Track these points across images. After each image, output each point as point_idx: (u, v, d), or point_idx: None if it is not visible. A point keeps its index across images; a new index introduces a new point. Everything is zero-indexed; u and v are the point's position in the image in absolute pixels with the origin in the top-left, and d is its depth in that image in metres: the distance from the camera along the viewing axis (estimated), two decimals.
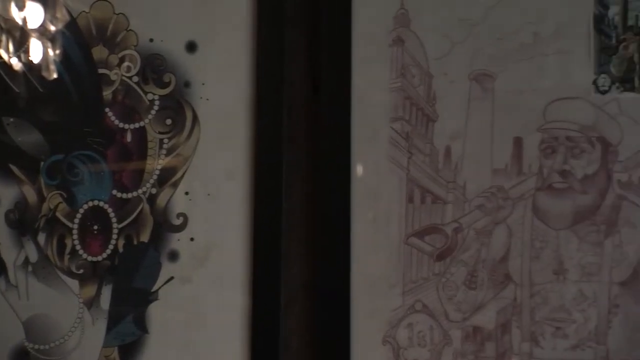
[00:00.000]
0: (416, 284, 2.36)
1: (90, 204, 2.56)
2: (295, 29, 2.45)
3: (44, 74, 2.57)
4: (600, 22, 2.31)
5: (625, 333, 2.28)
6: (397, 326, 2.37)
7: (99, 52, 2.56)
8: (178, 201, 2.51)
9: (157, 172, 2.51)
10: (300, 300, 2.38)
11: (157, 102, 2.53)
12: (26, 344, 2.57)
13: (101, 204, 2.55)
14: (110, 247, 2.54)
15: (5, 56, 2.57)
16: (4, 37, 2.58)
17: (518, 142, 2.33)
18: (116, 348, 2.52)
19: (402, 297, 2.37)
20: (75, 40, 2.57)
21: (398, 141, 2.37)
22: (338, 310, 2.39)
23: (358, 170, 2.38)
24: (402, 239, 2.37)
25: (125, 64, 2.54)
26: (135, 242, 2.52)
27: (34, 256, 2.57)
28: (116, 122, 2.54)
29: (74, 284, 2.55)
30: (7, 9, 2.58)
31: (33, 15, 2.58)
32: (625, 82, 2.30)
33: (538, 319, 2.32)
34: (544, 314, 2.31)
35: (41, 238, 2.57)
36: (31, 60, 2.57)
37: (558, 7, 2.32)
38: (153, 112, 2.53)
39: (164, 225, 2.51)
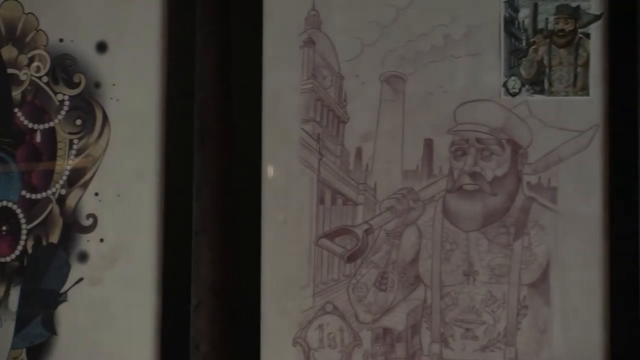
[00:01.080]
0: (326, 285, 2.15)
1: None
2: (207, 30, 2.22)
3: None
4: (510, 25, 2.11)
5: (533, 334, 2.09)
6: (308, 327, 2.15)
7: (8, 52, 2.34)
8: (88, 202, 2.29)
9: (67, 172, 2.29)
10: (210, 302, 2.17)
11: (67, 103, 2.31)
12: None
13: (10, 204, 2.33)
14: (19, 248, 2.31)
15: None
16: None
17: (429, 144, 2.13)
18: (24, 350, 2.30)
19: (312, 298, 2.15)
20: None
21: (309, 142, 2.16)
22: (248, 312, 2.20)
23: (269, 171, 2.17)
24: (313, 240, 2.16)
25: (35, 64, 2.32)
26: (44, 243, 2.30)
27: None
28: (25, 122, 2.32)
29: None
30: None
31: None
32: (535, 84, 2.10)
33: (448, 321, 2.11)
34: (454, 315, 2.11)
35: None
36: None
37: (469, 10, 2.12)
38: (63, 112, 2.31)
39: (74, 226, 2.29)
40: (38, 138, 2.30)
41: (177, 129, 2.25)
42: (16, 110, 2.31)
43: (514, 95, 2.12)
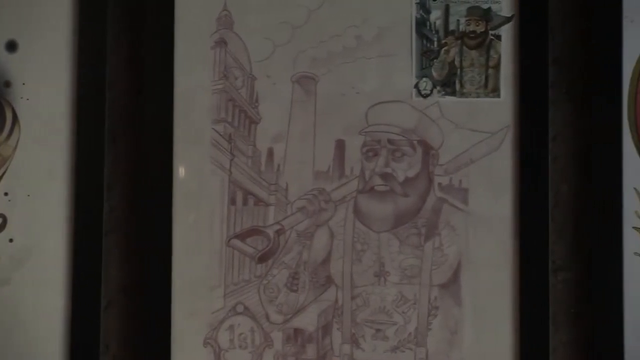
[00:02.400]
0: (237, 286, 1.90)
1: None
2: (118, 30, 1.95)
3: None
4: (422, 26, 1.87)
5: (444, 335, 1.86)
6: (218, 328, 1.90)
7: None
8: None
9: None
10: (120, 302, 1.92)
11: None
12: None
13: None
14: None
15: None
16: None
17: (340, 145, 1.88)
18: None
19: (223, 299, 1.90)
20: None
21: (220, 143, 1.91)
22: (159, 312, 1.94)
23: (180, 171, 1.91)
24: (224, 241, 1.91)
25: None
26: None
27: None
28: None
29: None
30: None
31: None
32: (446, 85, 1.86)
33: (359, 321, 1.87)
34: (365, 316, 1.87)
35: None
36: None
37: (380, 11, 1.88)
38: None
39: None
40: None
41: (88, 128, 1.98)
42: None
43: (425, 96, 1.88)
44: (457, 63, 1.88)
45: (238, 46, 1.92)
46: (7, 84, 1.99)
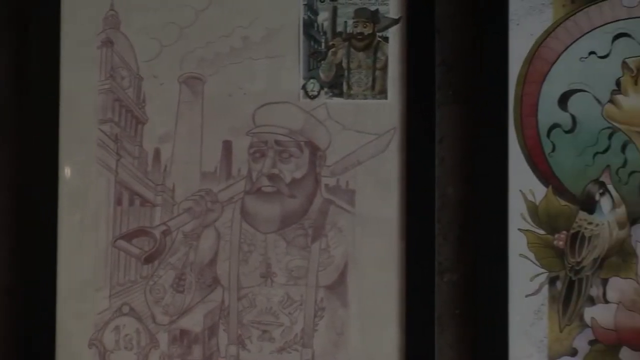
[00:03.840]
0: (123, 287, 1.64)
1: None
2: (2, 29, 1.67)
3: None
4: (309, 27, 1.63)
5: (330, 336, 1.62)
6: (104, 329, 1.65)
7: None
8: None
9: None
10: (4, 303, 1.67)
11: None
12: None
13: None
14: None
15: None
16: None
17: (227, 146, 1.63)
18: None
19: (108, 300, 1.65)
20: None
21: (107, 143, 1.65)
22: (43, 314, 1.65)
23: (65, 171, 1.64)
24: (110, 241, 1.64)
25: None
26: None
27: None
28: None
29: None
30: None
31: None
32: (333, 87, 1.63)
33: (245, 322, 1.63)
34: (251, 317, 1.63)
35: None
36: None
37: (268, 12, 1.64)
38: None
39: None
40: None
41: None
42: None
43: (312, 97, 1.64)
44: (344, 64, 1.65)
45: (125, 46, 1.66)
46: None
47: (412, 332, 1.59)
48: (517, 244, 1.59)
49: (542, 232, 1.60)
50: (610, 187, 1.59)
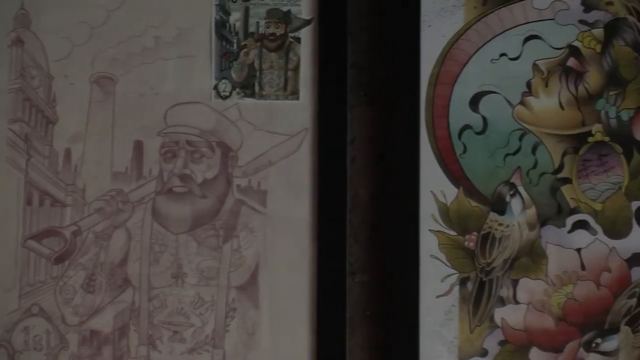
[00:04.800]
0: (33, 287, 1.49)
1: None
2: None
3: None
4: (221, 27, 1.49)
5: (242, 336, 1.48)
6: (13, 330, 1.49)
7: None
8: None
9: None
10: None
11: None
12: None
13: None
14: None
15: None
16: None
17: (139, 146, 1.49)
18: None
19: (18, 300, 1.49)
20: None
21: (16, 143, 1.50)
22: None
23: None
24: (19, 241, 1.49)
25: None
26: None
27: None
28: None
29: None
30: None
31: None
32: (245, 87, 1.49)
33: (156, 323, 1.48)
34: (162, 317, 1.48)
35: None
36: None
37: (180, 12, 1.49)
38: None
39: None
40: None
41: None
42: None
43: (224, 98, 1.51)
44: (256, 65, 1.51)
45: (35, 45, 1.51)
46: None
47: (322, 333, 1.46)
48: (428, 245, 1.46)
49: (453, 233, 1.47)
50: (520, 188, 1.47)
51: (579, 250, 1.44)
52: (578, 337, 1.43)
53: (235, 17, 1.45)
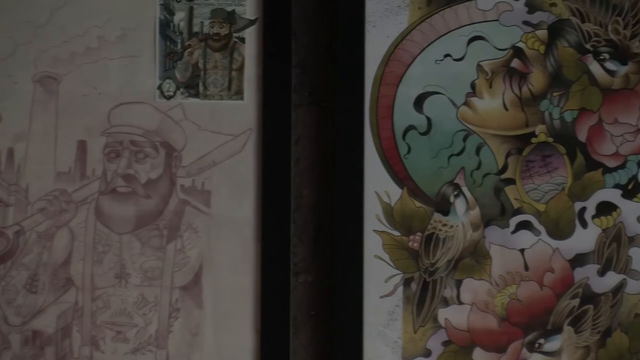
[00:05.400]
0: None
1: None
2: None
3: None
4: (165, 27, 1.42)
5: (185, 337, 1.40)
6: None
7: None
8: None
9: None
10: None
11: None
12: None
13: None
14: None
15: None
16: None
17: (82, 146, 1.41)
18: None
19: None
20: None
21: None
22: None
23: None
24: None
25: None
26: None
27: None
28: None
29: None
30: None
31: None
32: (189, 87, 1.41)
33: (99, 323, 1.40)
34: (105, 318, 1.40)
35: None
36: None
37: (124, 12, 1.41)
38: None
39: None
40: None
41: None
42: None
43: (168, 98, 1.43)
44: (200, 65, 1.43)
45: None
46: None
47: (266, 333, 1.38)
48: (372, 246, 1.39)
49: (397, 233, 1.40)
50: (464, 189, 1.40)
51: (522, 250, 1.37)
52: (521, 337, 1.36)
53: (180, 17, 1.38)
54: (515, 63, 1.36)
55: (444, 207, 1.36)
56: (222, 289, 1.35)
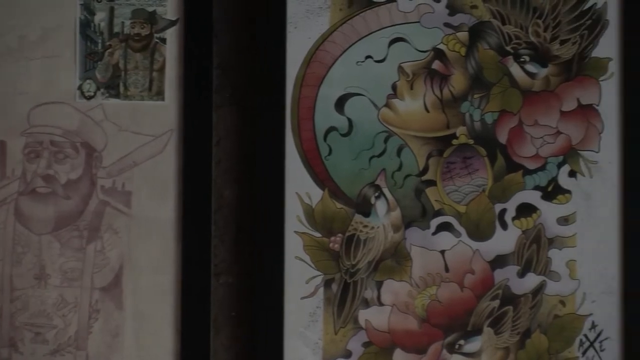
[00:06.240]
0: None
1: None
2: None
3: None
4: (86, 27, 1.39)
5: (105, 338, 1.37)
6: None
7: None
8: None
9: None
10: None
11: None
12: None
13: None
14: None
15: None
16: None
17: (2, 146, 1.38)
18: None
19: None
20: None
21: None
22: None
23: None
24: None
25: None
26: None
27: None
28: None
29: None
30: None
31: None
32: (110, 88, 1.38)
33: (18, 325, 1.37)
34: (24, 319, 1.37)
35: None
36: None
37: (45, 12, 1.38)
38: None
39: None
40: None
41: None
42: None
43: (89, 98, 1.40)
44: (121, 65, 1.40)
45: None
46: None
47: (187, 334, 1.36)
48: (293, 247, 1.37)
49: (318, 234, 1.38)
50: (385, 190, 1.38)
51: (442, 252, 1.35)
52: (441, 338, 1.35)
53: (100, 17, 1.35)
54: (437, 65, 1.34)
55: (365, 209, 1.34)
56: (143, 290, 1.33)
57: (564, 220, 1.34)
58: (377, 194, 1.34)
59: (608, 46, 1.34)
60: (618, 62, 1.34)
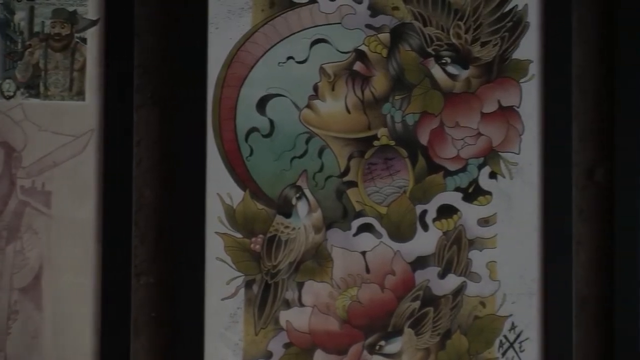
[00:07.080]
0: None
1: None
2: None
3: None
4: (6, 27, 1.36)
5: (24, 340, 1.35)
6: None
7: None
8: None
9: None
10: None
11: None
12: None
13: None
14: None
15: None
16: None
17: None
18: None
19: None
20: None
21: None
22: None
23: None
24: None
25: None
26: None
27: None
28: None
29: None
30: None
31: None
32: (30, 88, 1.36)
33: None
34: None
35: None
36: None
37: None
38: None
39: None
40: None
41: None
42: None
43: (8, 98, 1.38)
44: (41, 65, 1.38)
45: None
46: None
47: (107, 335, 1.34)
48: (214, 247, 1.35)
49: (239, 235, 1.36)
50: (306, 191, 1.36)
51: (363, 253, 1.33)
52: (362, 339, 1.33)
53: (20, 17, 1.33)
54: (358, 66, 1.33)
55: (286, 210, 1.32)
56: (62, 291, 1.31)
57: (485, 222, 1.32)
58: (298, 195, 1.32)
59: (528, 48, 1.33)
60: (538, 64, 1.33)
